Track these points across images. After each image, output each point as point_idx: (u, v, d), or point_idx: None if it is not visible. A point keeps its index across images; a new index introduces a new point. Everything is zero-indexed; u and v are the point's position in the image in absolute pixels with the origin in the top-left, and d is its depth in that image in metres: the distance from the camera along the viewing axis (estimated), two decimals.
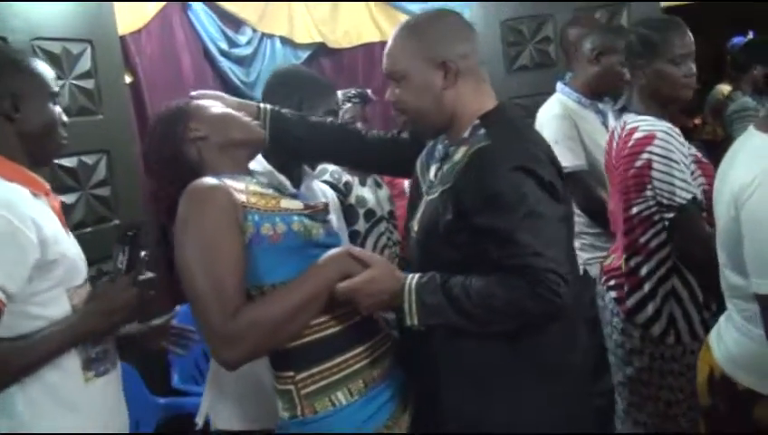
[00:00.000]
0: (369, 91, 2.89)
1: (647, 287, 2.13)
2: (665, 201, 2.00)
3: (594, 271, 2.63)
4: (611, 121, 2.83)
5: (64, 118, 1.66)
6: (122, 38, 3.20)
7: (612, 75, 2.73)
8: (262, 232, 1.40)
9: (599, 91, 2.81)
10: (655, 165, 2.01)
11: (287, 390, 1.46)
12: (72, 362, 1.54)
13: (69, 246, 1.59)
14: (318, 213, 1.52)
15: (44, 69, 1.62)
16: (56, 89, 1.64)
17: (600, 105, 2.83)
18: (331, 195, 2.30)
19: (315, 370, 1.44)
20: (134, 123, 3.23)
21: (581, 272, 2.65)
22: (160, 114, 1.64)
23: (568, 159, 2.59)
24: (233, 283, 1.35)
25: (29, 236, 1.44)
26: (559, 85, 2.87)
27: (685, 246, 2.03)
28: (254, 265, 1.40)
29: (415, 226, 1.63)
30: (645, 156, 2.03)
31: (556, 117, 2.71)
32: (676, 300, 2.10)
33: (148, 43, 3.44)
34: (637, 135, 2.07)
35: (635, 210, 2.10)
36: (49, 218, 1.55)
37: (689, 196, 1.98)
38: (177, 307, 2.00)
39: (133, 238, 1.60)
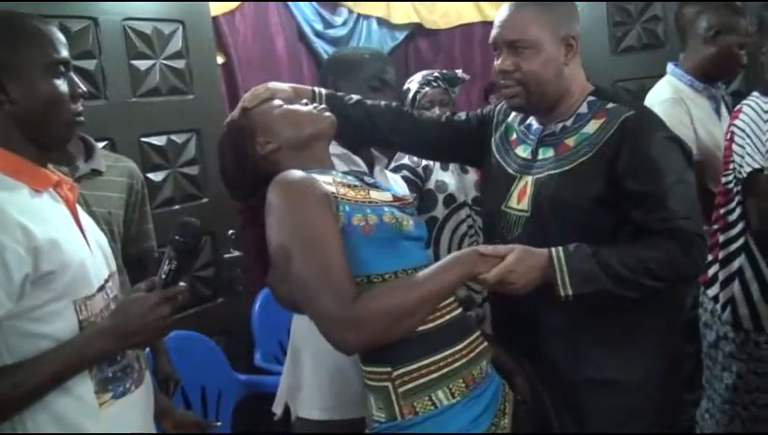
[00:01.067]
0: (459, 72, 2.81)
1: (720, 255, 2.17)
2: (737, 174, 2.09)
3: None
4: (724, 110, 2.67)
5: (80, 89, 1.41)
6: (215, 19, 3.28)
7: (729, 57, 2.56)
8: (353, 222, 1.39)
9: (713, 75, 2.62)
10: (735, 138, 2.07)
11: (383, 387, 1.41)
12: (82, 385, 1.33)
13: (76, 250, 1.35)
14: (407, 205, 1.52)
15: (40, 34, 1.35)
16: (62, 55, 1.37)
17: (714, 90, 2.64)
18: (401, 184, 2.27)
19: (414, 366, 1.39)
20: (226, 103, 3.32)
21: None
22: (223, 137, 1.65)
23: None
24: (344, 267, 1.34)
25: (15, 249, 1.23)
26: (670, 67, 2.71)
27: (752, 217, 2.07)
28: (350, 256, 1.38)
29: (525, 205, 1.70)
30: (731, 129, 2.13)
31: (667, 101, 2.54)
32: (741, 280, 2.11)
33: (241, 24, 3.52)
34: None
35: (723, 181, 2.20)
36: (49, 220, 1.33)
37: (756, 165, 2.01)
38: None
39: (185, 246, 1.41)
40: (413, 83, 2.74)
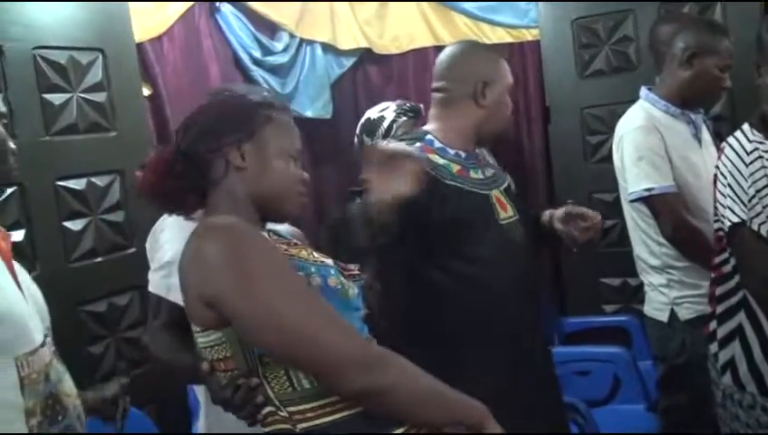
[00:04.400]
0: (422, 107, 2.79)
1: (718, 310, 2.02)
2: (722, 224, 1.94)
3: (684, 313, 2.45)
4: (706, 134, 2.61)
5: (11, 144, 1.50)
6: (140, 45, 3.11)
7: (709, 81, 2.47)
8: None
9: (691, 100, 2.53)
10: (718, 183, 1.94)
11: None
12: None
13: (12, 304, 1.38)
14: (352, 276, 1.47)
15: None
16: None
17: (693, 115, 2.56)
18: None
19: None
20: (153, 140, 3.13)
21: (667, 313, 2.48)
22: (226, 98, 1.51)
23: (653, 178, 2.41)
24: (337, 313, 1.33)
25: None
26: (643, 91, 2.62)
27: (741, 274, 1.94)
28: None
29: (511, 211, 2.08)
30: (714, 170, 1.99)
31: (639, 129, 2.47)
32: (741, 338, 1.96)
33: (169, 51, 3.34)
34: None
35: (714, 227, 2.04)
36: None
37: (736, 219, 1.86)
38: None
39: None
40: (387, 112, 2.74)
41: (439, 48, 4.04)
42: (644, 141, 2.44)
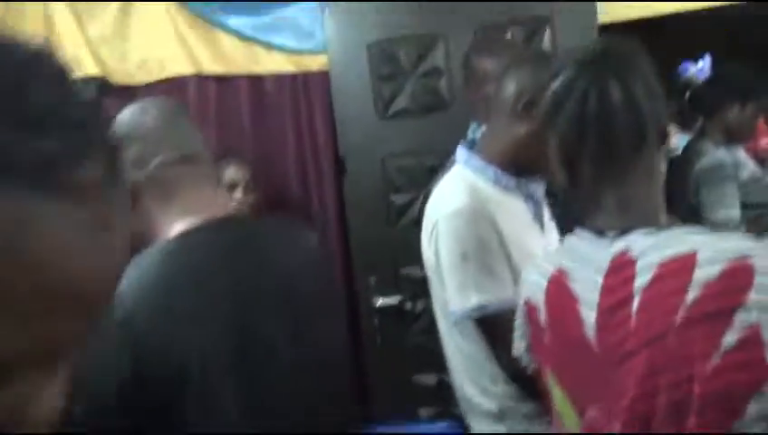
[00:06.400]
0: None
1: None
2: None
3: None
4: (547, 214, 1.95)
5: None
6: None
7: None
8: None
9: (529, 166, 1.79)
10: None
11: None
12: None
13: None
14: None
15: None
16: None
17: (533, 186, 1.85)
18: None
19: None
20: None
21: None
22: None
23: (487, 290, 1.71)
24: None
25: None
26: (462, 153, 1.88)
27: None
28: None
29: None
30: None
31: (462, 214, 1.73)
32: None
33: None
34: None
35: None
36: None
37: None
38: None
39: None
40: None
41: (201, 78, 3.24)
42: (469, 232, 1.72)
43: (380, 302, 3.10)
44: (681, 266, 1.10)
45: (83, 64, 3.20)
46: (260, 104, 3.26)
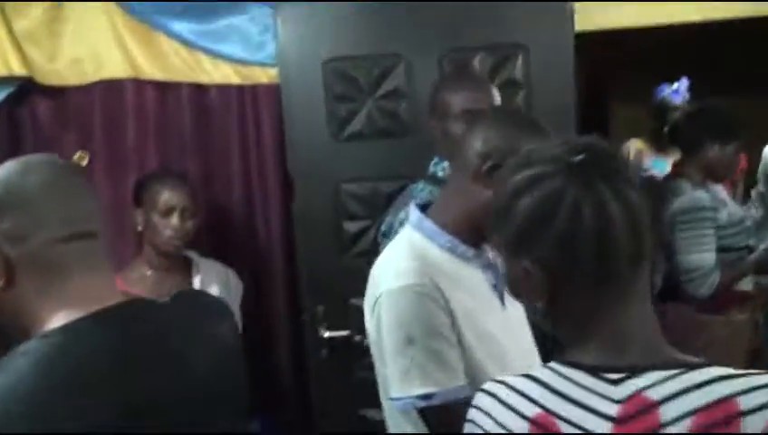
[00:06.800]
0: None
1: None
2: None
3: None
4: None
5: None
6: None
7: None
8: None
9: (488, 233, 1.56)
10: None
11: None
12: None
13: None
14: None
15: None
16: None
17: (493, 253, 1.62)
18: None
19: None
20: None
21: None
22: None
23: (433, 378, 1.50)
24: None
25: None
26: (414, 214, 1.65)
27: None
28: None
29: None
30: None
31: (409, 290, 1.51)
32: None
33: None
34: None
35: None
36: None
37: None
38: None
39: None
40: None
41: (140, 83, 2.97)
42: (416, 314, 1.50)
43: (328, 334, 2.90)
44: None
45: (9, 64, 2.91)
46: (203, 115, 2.99)
